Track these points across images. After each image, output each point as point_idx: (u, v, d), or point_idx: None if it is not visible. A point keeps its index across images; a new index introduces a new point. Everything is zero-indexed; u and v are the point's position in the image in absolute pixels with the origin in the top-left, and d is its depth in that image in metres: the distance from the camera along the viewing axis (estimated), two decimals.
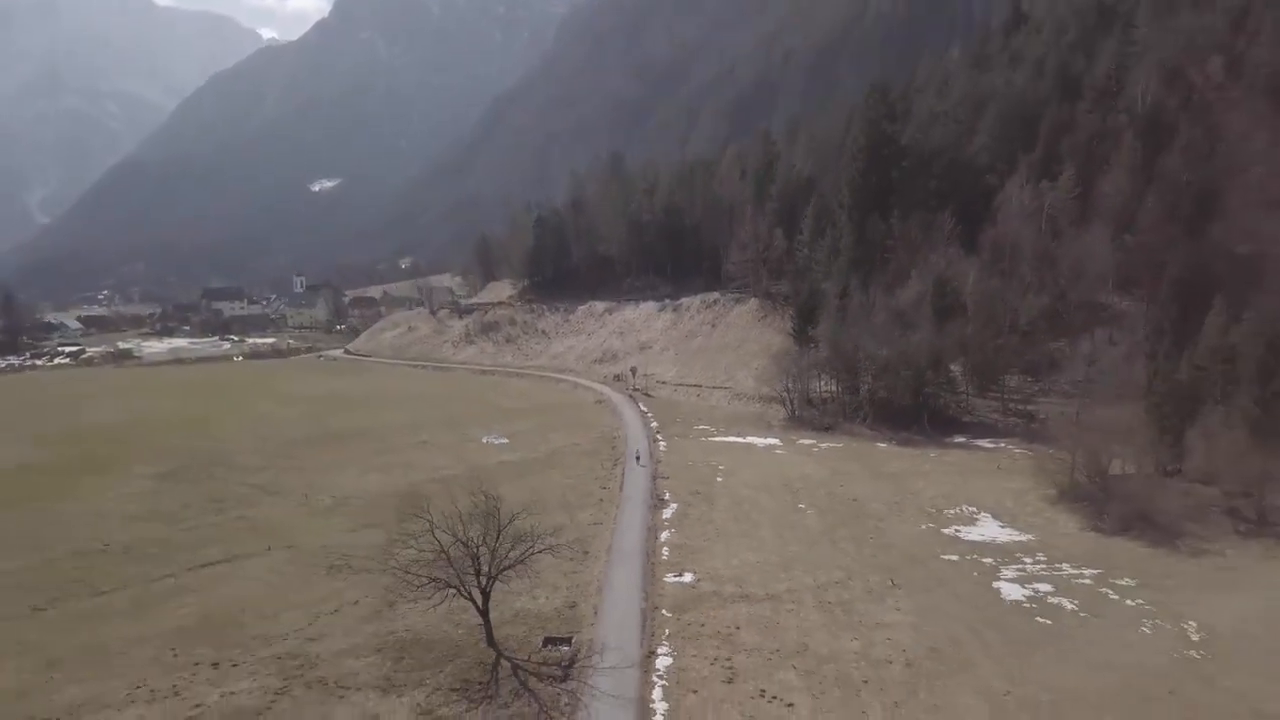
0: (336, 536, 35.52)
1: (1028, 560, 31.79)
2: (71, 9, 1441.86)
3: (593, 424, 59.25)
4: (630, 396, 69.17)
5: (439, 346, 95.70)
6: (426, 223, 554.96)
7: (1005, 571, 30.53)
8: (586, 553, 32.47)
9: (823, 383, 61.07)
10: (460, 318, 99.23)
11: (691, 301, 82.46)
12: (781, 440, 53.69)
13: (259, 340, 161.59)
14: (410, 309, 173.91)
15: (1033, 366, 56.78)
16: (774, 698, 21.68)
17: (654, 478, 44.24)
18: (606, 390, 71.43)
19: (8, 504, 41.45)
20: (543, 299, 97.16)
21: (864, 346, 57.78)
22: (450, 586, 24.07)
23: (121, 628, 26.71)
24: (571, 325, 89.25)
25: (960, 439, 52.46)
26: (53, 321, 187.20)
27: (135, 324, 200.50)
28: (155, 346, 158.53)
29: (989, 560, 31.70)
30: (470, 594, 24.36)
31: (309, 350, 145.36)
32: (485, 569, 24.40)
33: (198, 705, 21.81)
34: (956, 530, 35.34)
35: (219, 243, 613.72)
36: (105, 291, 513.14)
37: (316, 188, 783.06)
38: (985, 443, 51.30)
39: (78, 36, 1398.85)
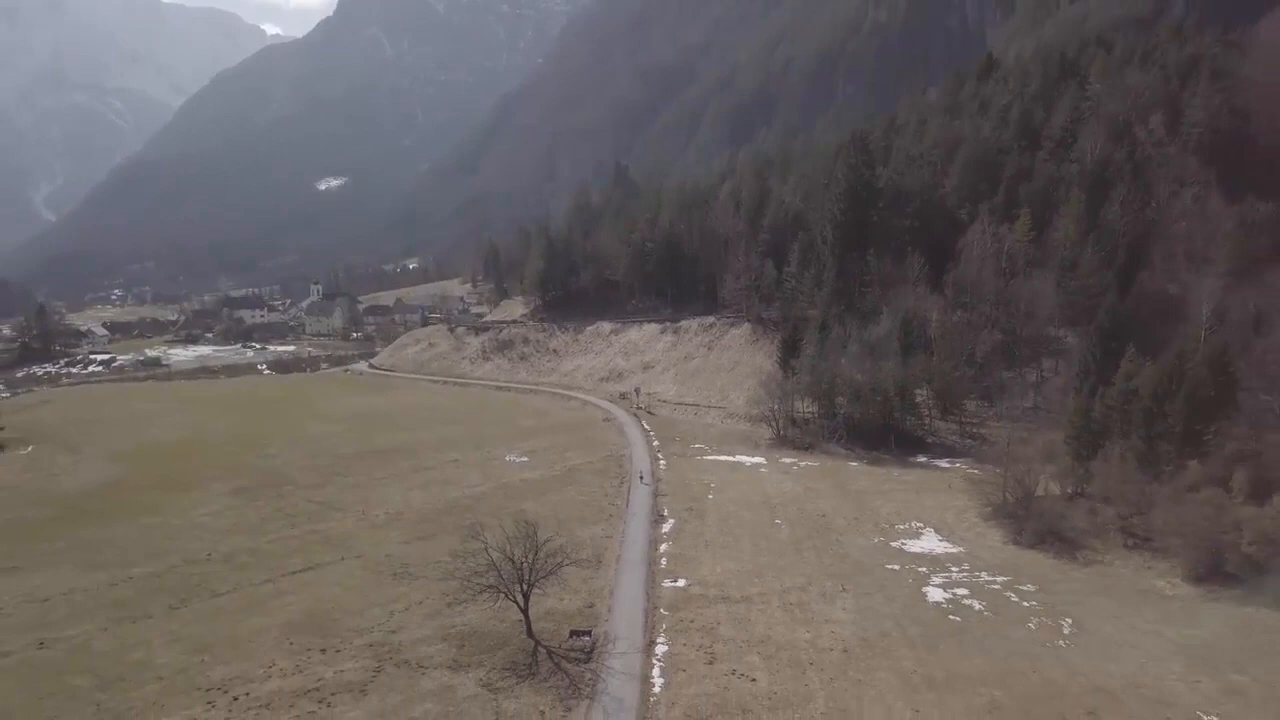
0: (395, 547, 43.49)
1: (954, 569, 39.63)
2: (77, 5, 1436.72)
3: (602, 443, 67.20)
4: (635, 415, 77.03)
5: (458, 363, 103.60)
6: (434, 222, 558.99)
7: (934, 578, 38.39)
8: (600, 562, 40.40)
9: (805, 405, 68.84)
10: (476, 335, 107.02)
11: (690, 324, 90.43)
12: (766, 459, 61.59)
13: (280, 348, 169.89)
14: (421, 316, 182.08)
15: (988, 393, 64.57)
16: (742, 675, 29.51)
17: (655, 495, 52.17)
18: (613, 408, 79.37)
19: (116, 518, 49.50)
20: (553, 318, 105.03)
21: (840, 374, 65.70)
22: (500, 592, 32.01)
23: (244, 621, 34.69)
24: (580, 344, 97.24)
25: (922, 458, 60.29)
26: (81, 328, 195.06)
27: (158, 329, 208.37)
28: (182, 355, 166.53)
29: (923, 569, 39.54)
30: (515, 598, 32.29)
31: (329, 359, 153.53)
32: (526, 578, 32.28)
33: (319, 679, 29.76)
34: (902, 544, 43.21)
35: (227, 241, 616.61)
36: (118, 291, 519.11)
37: (323, 186, 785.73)
38: (943, 462, 59.11)
39: (83, 33, 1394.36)
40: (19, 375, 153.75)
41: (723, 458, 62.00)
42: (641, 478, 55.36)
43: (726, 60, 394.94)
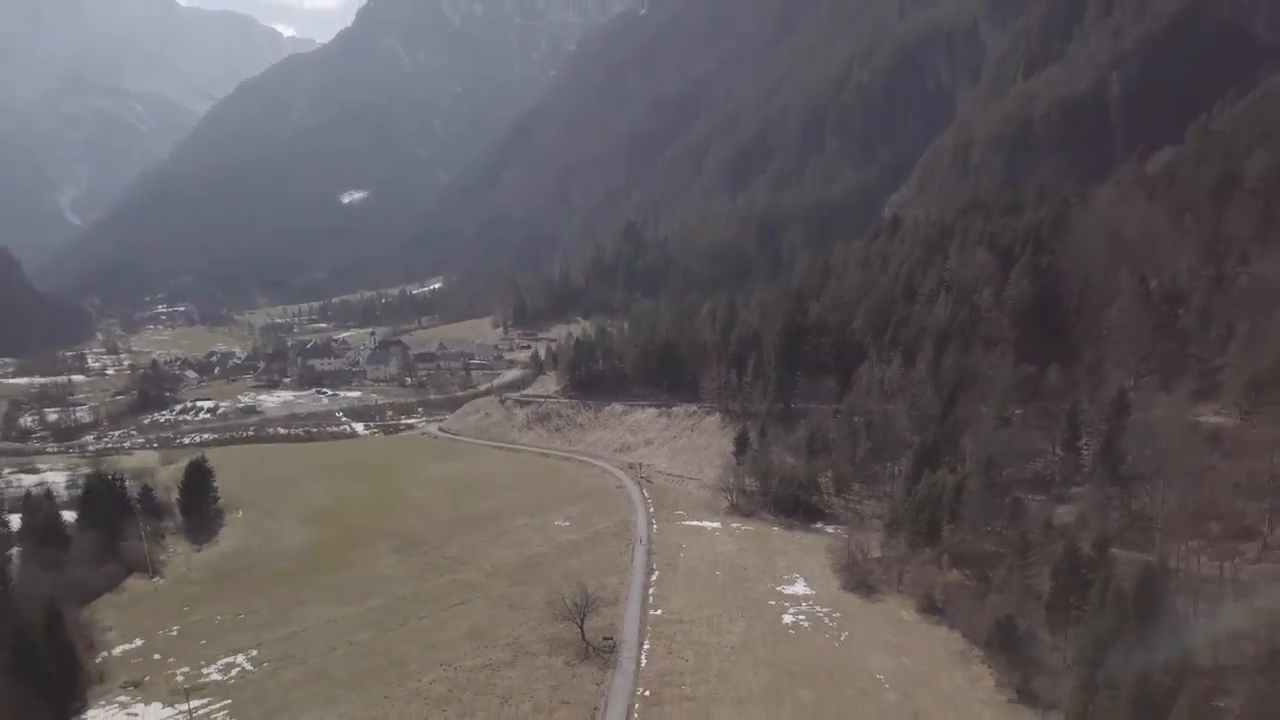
0: (504, 589, 78.63)
1: (804, 604, 74.43)
2: (96, 10, 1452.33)
3: (616, 510, 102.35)
4: (638, 482, 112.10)
5: (509, 431, 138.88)
6: (456, 240, 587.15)
7: (790, 609, 73.20)
8: (616, 600, 75.33)
9: (750, 482, 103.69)
10: (521, 407, 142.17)
11: (679, 410, 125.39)
12: (720, 524, 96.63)
13: (347, 393, 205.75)
14: (463, 363, 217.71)
15: (868, 478, 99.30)
16: (681, 658, 64.35)
17: (649, 553, 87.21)
18: (624, 476, 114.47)
19: (332, 569, 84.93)
20: (579, 396, 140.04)
21: (773, 462, 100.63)
22: (571, 619, 67.01)
23: (441, 633, 69.89)
24: (600, 420, 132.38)
25: (819, 525, 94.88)
26: (177, 373, 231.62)
27: (236, 371, 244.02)
28: (269, 401, 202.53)
29: (787, 604, 74.33)
30: (576, 621, 67.31)
31: (393, 408, 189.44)
32: (582, 611, 67.23)
33: (489, 660, 64.82)
34: (782, 588, 78.08)
35: (259, 255, 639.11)
36: (162, 308, 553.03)
37: (346, 199, 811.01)
38: (830, 528, 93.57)
39: (102, 37, 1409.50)
40: (146, 422, 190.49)
41: (692, 523, 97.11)
42: (641, 541, 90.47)
43: (730, 98, 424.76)
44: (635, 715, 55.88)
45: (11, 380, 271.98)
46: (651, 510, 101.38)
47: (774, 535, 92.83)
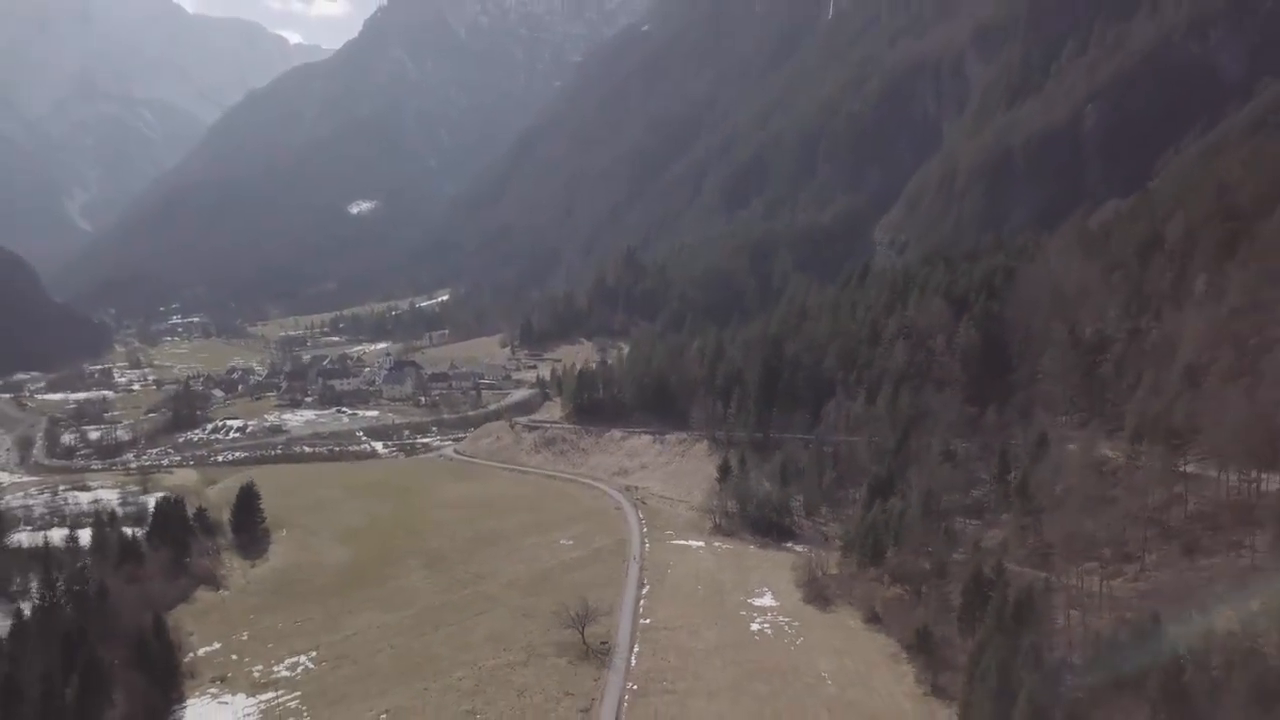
0: (519, 601, 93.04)
1: (770, 615, 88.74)
2: (105, 17, 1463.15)
3: (614, 529, 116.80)
4: (634, 505, 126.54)
5: (518, 454, 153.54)
6: (463, 252, 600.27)
7: (757, 619, 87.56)
8: (611, 611, 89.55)
9: (732, 505, 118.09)
10: (529, 432, 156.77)
11: (671, 438, 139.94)
12: (704, 543, 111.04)
13: (366, 412, 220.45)
14: (474, 383, 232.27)
15: (833, 502, 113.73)
16: (664, 659, 78.85)
17: (641, 569, 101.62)
18: (621, 499, 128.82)
19: (373, 582, 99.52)
20: (582, 422, 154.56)
21: (751, 487, 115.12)
22: (574, 627, 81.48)
23: (468, 637, 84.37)
24: (600, 446, 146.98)
25: (789, 544, 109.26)
26: (205, 391, 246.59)
27: (259, 389, 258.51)
28: (294, 420, 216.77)
29: (755, 614, 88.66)
30: (579, 629, 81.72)
31: (410, 427, 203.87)
32: (583, 620, 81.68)
33: (508, 660, 79.31)
34: (752, 600, 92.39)
35: (269, 265, 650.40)
36: (177, 318, 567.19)
37: (355, 210, 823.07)
38: (801, 547, 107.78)
39: (112, 44, 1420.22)
40: (180, 440, 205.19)
41: (680, 542, 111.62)
42: (634, 558, 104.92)
43: (729, 119, 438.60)
44: (625, 704, 70.34)
45: (45, 396, 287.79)
46: (644, 530, 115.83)
47: (750, 553, 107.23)
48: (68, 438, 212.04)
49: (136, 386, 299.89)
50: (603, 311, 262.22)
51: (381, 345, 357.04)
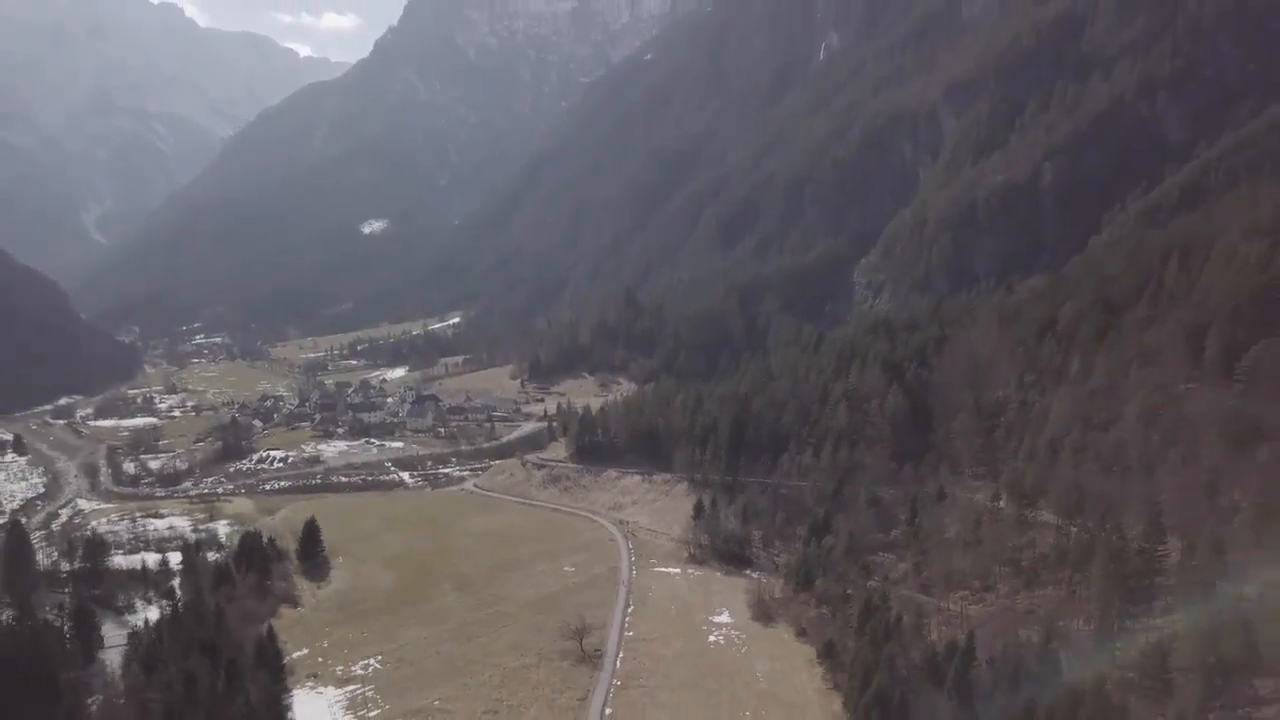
0: (532, 618, 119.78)
1: (725, 630, 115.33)
2: (120, 32, 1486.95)
3: (609, 558, 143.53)
4: (626, 537, 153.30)
5: (529, 489, 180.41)
6: (472, 275, 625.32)
7: (714, 633, 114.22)
8: (603, 626, 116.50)
9: (703, 538, 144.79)
10: (539, 469, 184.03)
11: (659, 478, 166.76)
12: (680, 570, 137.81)
13: (392, 444, 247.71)
14: (488, 415, 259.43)
15: (785, 538, 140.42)
16: (645, 664, 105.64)
17: (629, 593, 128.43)
18: (616, 532, 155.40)
19: (416, 602, 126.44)
20: (583, 461, 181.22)
21: (721, 523, 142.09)
22: (575, 638, 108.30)
23: (493, 645, 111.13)
24: (599, 484, 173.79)
25: (748, 571, 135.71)
26: (245, 421, 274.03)
27: (293, 419, 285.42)
28: (328, 450, 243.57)
29: (713, 629, 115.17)
30: (579, 641, 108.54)
31: (432, 458, 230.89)
32: (581, 634, 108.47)
33: (525, 664, 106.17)
34: (712, 619, 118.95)
35: (285, 285, 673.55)
36: (200, 338, 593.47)
37: (367, 230, 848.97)
38: (756, 574, 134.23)
39: (126, 58, 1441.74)
40: (230, 470, 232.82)
41: (661, 569, 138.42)
42: (623, 584, 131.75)
43: (725, 156, 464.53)
44: (610, 694, 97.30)
45: (97, 423, 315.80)
46: (633, 559, 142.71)
47: (716, 579, 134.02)
48: (129, 466, 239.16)
49: (177, 413, 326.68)
50: (604, 348, 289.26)
51: (399, 372, 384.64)
